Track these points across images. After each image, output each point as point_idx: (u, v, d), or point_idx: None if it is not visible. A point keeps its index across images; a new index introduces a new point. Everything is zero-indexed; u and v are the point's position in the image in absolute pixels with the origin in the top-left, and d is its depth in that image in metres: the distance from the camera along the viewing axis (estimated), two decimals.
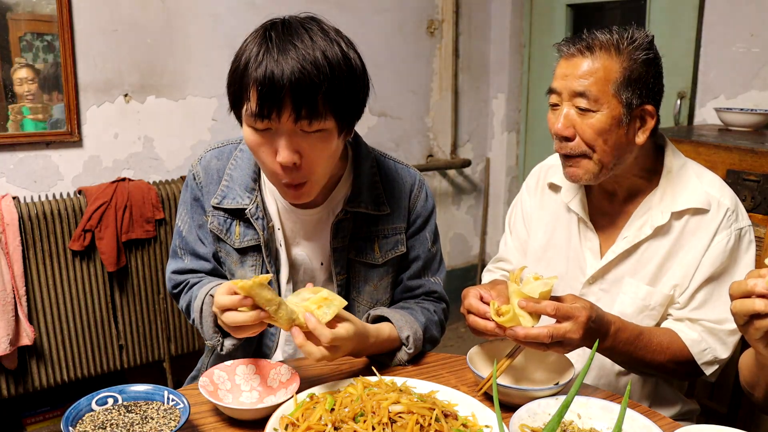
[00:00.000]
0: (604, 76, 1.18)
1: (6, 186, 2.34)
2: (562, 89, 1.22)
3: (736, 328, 1.22)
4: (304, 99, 1.01)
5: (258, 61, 1.03)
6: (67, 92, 2.37)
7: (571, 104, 1.21)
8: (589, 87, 1.18)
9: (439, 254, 1.39)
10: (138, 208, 2.39)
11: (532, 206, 1.47)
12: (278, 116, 1.03)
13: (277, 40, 1.04)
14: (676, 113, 2.68)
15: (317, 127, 1.05)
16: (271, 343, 1.32)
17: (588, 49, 1.19)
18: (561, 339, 1.06)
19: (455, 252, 3.66)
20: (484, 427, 0.97)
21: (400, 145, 3.32)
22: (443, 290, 1.38)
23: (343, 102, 1.06)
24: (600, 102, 1.18)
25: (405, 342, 1.21)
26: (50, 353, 2.33)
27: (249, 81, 1.03)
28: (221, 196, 1.26)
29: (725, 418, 1.55)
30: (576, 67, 1.20)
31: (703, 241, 1.24)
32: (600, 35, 1.20)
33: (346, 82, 1.05)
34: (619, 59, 1.18)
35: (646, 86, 1.20)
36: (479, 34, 3.50)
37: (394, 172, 1.32)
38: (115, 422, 0.93)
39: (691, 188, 1.25)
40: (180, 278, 1.33)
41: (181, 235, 1.33)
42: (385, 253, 1.30)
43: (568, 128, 1.21)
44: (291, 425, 0.94)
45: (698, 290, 1.25)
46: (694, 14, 2.61)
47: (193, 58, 2.64)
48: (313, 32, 1.05)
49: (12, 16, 2.25)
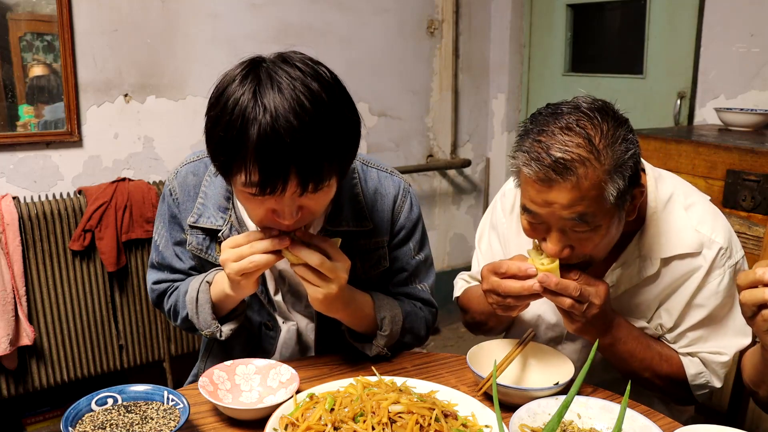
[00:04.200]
0: (597, 194, 1.00)
1: (6, 186, 2.34)
2: (547, 217, 1.04)
3: (728, 361, 1.21)
4: (311, 171, 0.95)
5: (254, 137, 0.91)
6: (67, 92, 2.37)
7: (562, 227, 1.05)
8: (583, 211, 1.01)
9: (428, 261, 1.35)
10: (138, 208, 2.39)
11: (509, 229, 1.36)
12: (283, 191, 0.96)
13: (268, 96, 0.92)
14: (676, 113, 2.68)
15: (322, 187, 0.99)
16: (270, 347, 1.31)
17: (565, 170, 0.98)
18: (585, 300, 1.06)
19: (455, 252, 3.66)
20: (484, 427, 0.97)
21: (400, 145, 3.32)
22: (431, 297, 1.34)
23: (345, 157, 1.02)
24: (597, 219, 1.03)
25: (379, 324, 1.19)
26: (50, 353, 2.33)
27: (246, 154, 0.93)
28: (197, 215, 1.22)
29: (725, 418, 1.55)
30: (558, 194, 1.00)
31: (695, 283, 1.17)
32: (571, 146, 0.98)
33: (346, 136, 1.00)
34: (604, 165, 0.99)
35: (635, 174, 1.05)
36: (479, 34, 3.50)
37: (377, 183, 1.27)
38: (115, 422, 0.93)
39: (680, 230, 1.16)
40: (162, 287, 1.31)
41: (158, 249, 1.30)
42: (368, 270, 1.27)
43: (565, 249, 1.07)
44: (291, 425, 0.94)
45: (690, 330, 1.21)
46: (694, 14, 2.61)
47: (193, 58, 2.64)
48: (301, 80, 0.95)
49: (12, 16, 2.25)
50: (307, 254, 1.03)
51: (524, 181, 1.05)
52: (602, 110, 1.03)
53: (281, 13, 2.76)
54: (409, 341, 1.28)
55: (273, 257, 1.05)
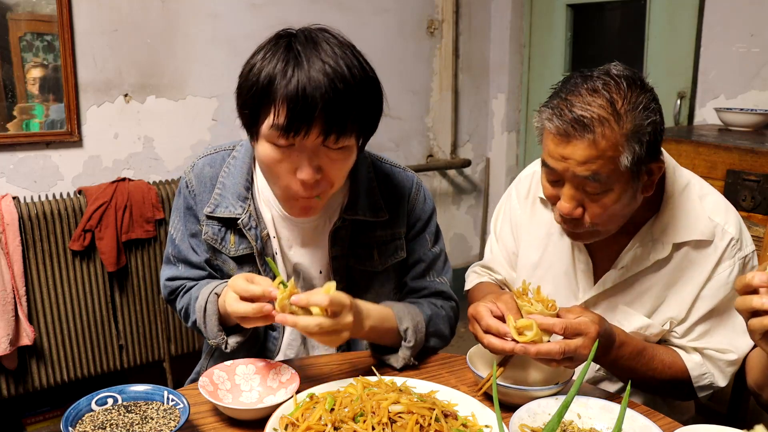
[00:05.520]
0: (611, 156, 1.04)
1: (6, 186, 2.34)
2: (563, 171, 1.09)
3: (736, 359, 1.20)
4: (336, 117, 1.01)
5: (287, 76, 1.00)
6: (67, 92, 2.37)
7: (576, 184, 1.09)
8: (597, 170, 1.05)
9: (443, 255, 1.36)
10: (138, 208, 2.39)
11: (522, 215, 1.39)
12: (307, 133, 1.02)
13: (305, 53, 1.01)
14: (676, 113, 2.68)
15: (342, 144, 1.06)
16: (273, 347, 1.31)
17: (584, 127, 1.03)
18: (572, 355, 1.03)
19: (455, 252, 3.66)
20: (484, 427, 0.97)
21: (400, 145, 3.32)
22: (451, 291, 1.35)
23: (368, 118, 1.09)
24: (611, 181, 1.07)
25: (403, 335, 1.19)
26: (50, 353, 2.33)
27: (276, 97, 1.01)
28: (214, 205, 1.24)
29: (725, 418, 1.55)
30: (575, 150, 1.05)
31: (704, 273, 1.18)
32: (592, 105, 1.04)
33: (370, 98, 1.08)
34: (623, 129, 1.04)
35: (654, 145, 1.08)
36: (479, 34, 3.50)
37: (391, 177, 1.31)
38: (115, 422, 0.93)
39: (694, 216, 1.18)
40: (175, 284, 1.32)
41: (174, 243, 1.31)
42: (385, 260, 1.28)
43: (577, 209, 1.11)
44: (291, 425, 0.94)
45: (698, 323, 1.21)
46: (694, 14, 2.62)
47: (193, 58, 2.64)
48: (335, 45, 1.04)
49: (12, 16, 2.25)
50: (304, 325, 1.02)
51: (545, 136, 1.11)
52: (630, 78, 1.07)
53: (281, 13, 2.76)
54: (435, 345, 1.27)
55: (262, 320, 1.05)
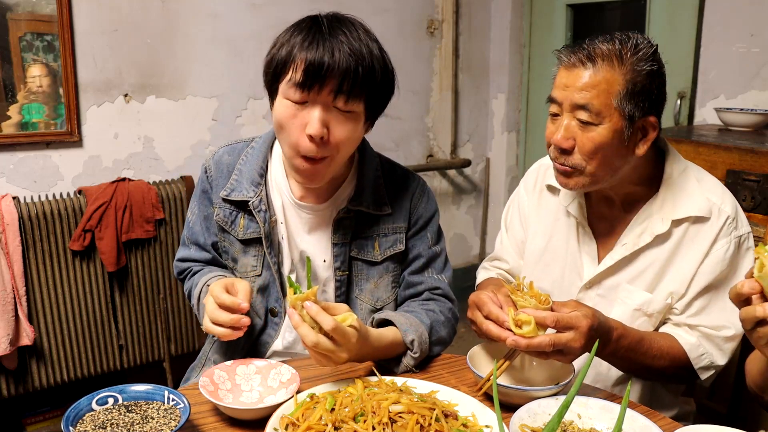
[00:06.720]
0: (606, 89, 1.14)
1: (6, 186, 2.34)
2: (562, 100, 1.19)
3: (733, 335, 1.24)
4: (348, 79, 1.11)
5: (309, 41, 1.12)
6: (67, 92, 2.37)
7: (572, 116, 1.18)
8: (591, 100, 1.15)
9: (444, 254, 1.39)
10: (138, 208, 2.39)
11: (530, 206, 1.45)
12: (320, 89, 1.11)
13: (329, 27, 1.13)
14: (676, 113, 2.68)
15: (350, 107, 1.14)
16: (273, 332, 1.33)
17: (589, 59, 1.15)
18: (562, 348, 1.05)
19: (455, 252, 3.66)
20: (484, 427, 0.97)
21: (400, 145, 3.32)
22: (449, 289, 1.36)
23: (377, 92, 1.18)
24: (602, 115, 1.15)
25: (410, 346, 1.20)
26: (50, 353, 2.33)
27: (297, 57, 1.12)
28: (230, 189, 1.31)
29: (725, 418, 1.55)
30: (577, 78, 1.16)
31: (702, 249, 1.22)
32: (602, 44, 1.16)
33: (382, 75, 1.17)
34: (622, 70, 1.14)
35: (649, 98, 1.17)
36: (479, 34, 3.50)
37: (397, 176, 1.36)
38: (116, 422, 0.93)
39: (692, 194, 1.24)
40: (184, 265, 1.40)
41: (189, 225, 1.40)
42: (384, 251, 1.32)
43: (569, 140, 1.18)
44: (291, 425, 0.94)
45: (696, 298, 1.24)
46: (694, 14, 2.62)
47: (193, 58, 2.64)
48: (360, 29, 1.16)
49: (12, 16, 2.25)
50: (304, 334, 1.03)
51: (558, 71, 1.21)
52: (645, 40, 1.18)
53: (281, 13, 2.75)
54: (438, 351, 1.29)
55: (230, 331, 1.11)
